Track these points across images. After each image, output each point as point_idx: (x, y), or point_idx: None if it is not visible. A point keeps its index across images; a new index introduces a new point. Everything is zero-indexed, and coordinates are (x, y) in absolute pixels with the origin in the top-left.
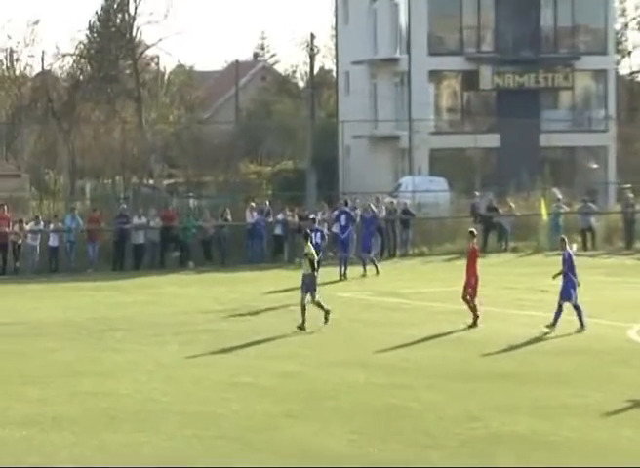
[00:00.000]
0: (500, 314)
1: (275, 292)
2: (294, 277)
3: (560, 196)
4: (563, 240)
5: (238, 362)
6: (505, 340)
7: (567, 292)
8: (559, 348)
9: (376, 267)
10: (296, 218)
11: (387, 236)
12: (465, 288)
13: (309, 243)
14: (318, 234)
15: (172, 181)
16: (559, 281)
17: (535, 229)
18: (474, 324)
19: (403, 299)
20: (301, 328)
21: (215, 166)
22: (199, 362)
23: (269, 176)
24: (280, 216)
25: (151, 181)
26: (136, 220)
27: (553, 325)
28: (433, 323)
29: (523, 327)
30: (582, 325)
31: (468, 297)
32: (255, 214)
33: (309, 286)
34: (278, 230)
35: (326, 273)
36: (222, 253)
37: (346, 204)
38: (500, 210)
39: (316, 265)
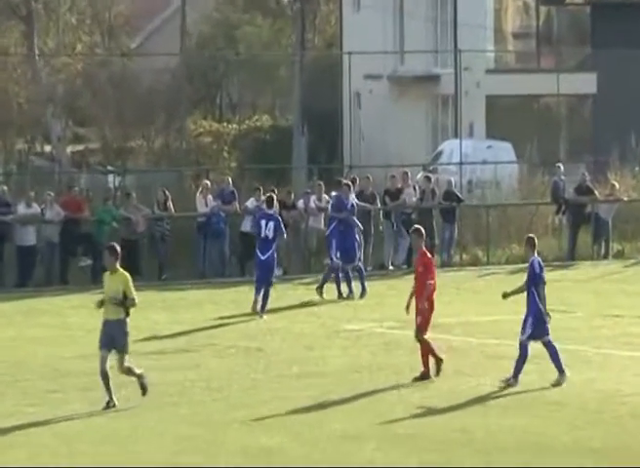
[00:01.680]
0: (599, 357)
1: (239, 320)
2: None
3: None
4: None
5: (180, 432)
6: (605, 400)
7: None
8: None
9: (348, 284)
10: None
11: None
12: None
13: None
14: (271, 224)
15: (80, 148)
16: None
17: None
18: (422, 376)
19: (443, 334)
20: None
21: (147, 123)
22: (117, 431)
23: (233, 140)
24: (250, 203)
25: (47, 148)
26: (22, 209)
27: None
28: (494, 372)
29: (635, 377)
30: None
31: (419, 334)
32: (210, 199)
33: None
34: (247, 225)
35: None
36: (160, 260)
37: (352, 184)
38: (596, 192)
39: None
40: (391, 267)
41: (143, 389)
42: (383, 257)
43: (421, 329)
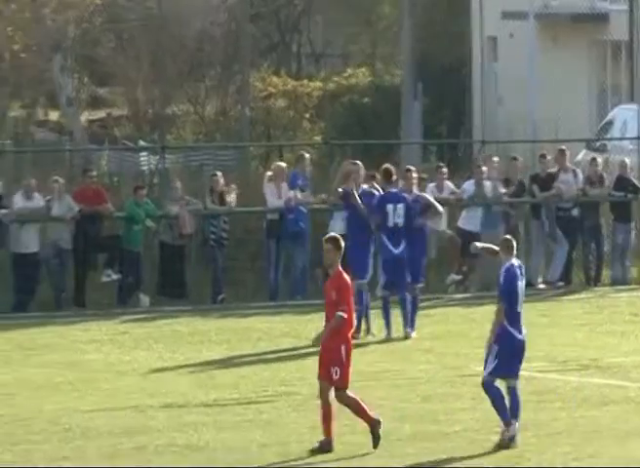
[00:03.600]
0: None
1: None
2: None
3: None
4: None
5: None
6: None
7: None
8: None
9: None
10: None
11: (580, 237)
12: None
13: None
14: (400, 207)
15: (100, 115)
16: None
17: None
18: (323, 448)
19: (616, 379)
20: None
21: (195, 81)
22: None
23: (318, 104)
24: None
25: (54, 115)
26: (19, 202)
27: None
28: None
29: None
30: None
31: (322, 383)
32: (285, 187)
33: None
34: (338, 224)
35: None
36: (215, 275)
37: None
38: None
39: None
40: (542, 285)
41: None
42: (530, 271)
43: (325, 378)
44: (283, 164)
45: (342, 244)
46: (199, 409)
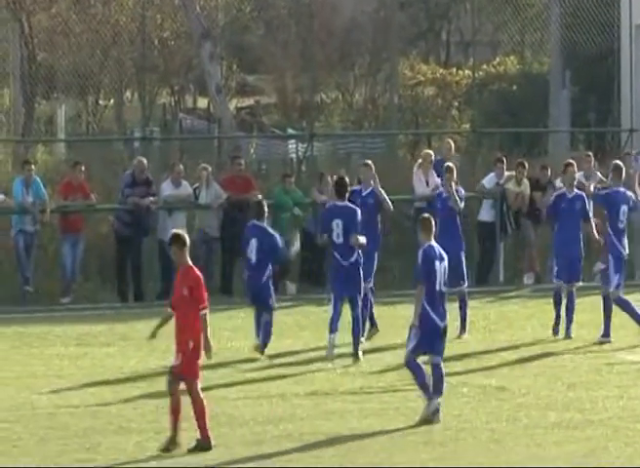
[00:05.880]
0: None
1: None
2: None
3: None
4: None
5: None
6: None
7: None
8: None
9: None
10: (524, 187)
11: None
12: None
13: None
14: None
15: (249, 102)
16: None
17: None
18: (200, 445)
19: None
20: None
21: (344, 69)
22: None
23: (466, 92)
24: (488, 181)
25: (202, 103)
26: (167, 189)
27: None
28: None
29: None
30: None
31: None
32: (434, 175)
33: None
34: (485, 213)
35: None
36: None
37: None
38: None
39: None
40: None
41: None
42: None
43: (186, 374)
44: (431, 151)
45: (185, 239)
46: (345, 397)
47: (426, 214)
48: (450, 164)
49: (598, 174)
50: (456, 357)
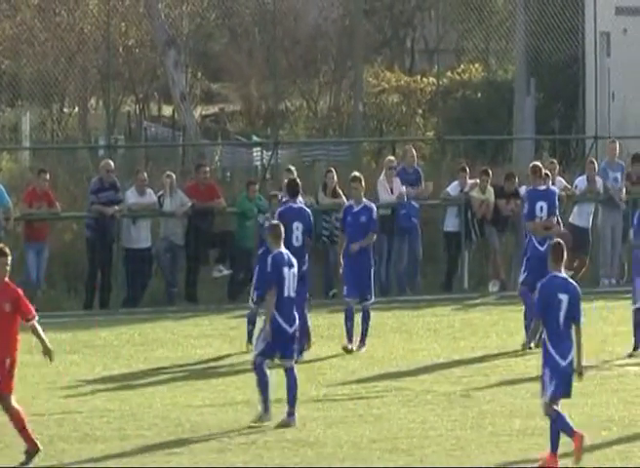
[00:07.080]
0: None
1: (439, 357)
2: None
3: None
4: None
5: None
6: None
7: None
8: None
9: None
10: (489, 194)
11: None
12: None
13: None
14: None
15: (213, 110)
16: None
17: None
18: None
19: None
20: None
21: (309, 77)
22: None
23: (430, 99)
24: (453, 188)
25: (167, 110)
26: (132, 197)
27: None
28: None
29: None
30: None
31: None
32: (398, 182)
33: None
34: (450, 222)
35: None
36: (327, 271)
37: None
38: None
39: None
40: None
41: None
42: None
43: (2, 389)
44: (392, 157)
45: (7, 254)
46: (309, 405)
47: (275, 222)
48: (357, 173)
49: (562, 180)
50: (420, 364)
